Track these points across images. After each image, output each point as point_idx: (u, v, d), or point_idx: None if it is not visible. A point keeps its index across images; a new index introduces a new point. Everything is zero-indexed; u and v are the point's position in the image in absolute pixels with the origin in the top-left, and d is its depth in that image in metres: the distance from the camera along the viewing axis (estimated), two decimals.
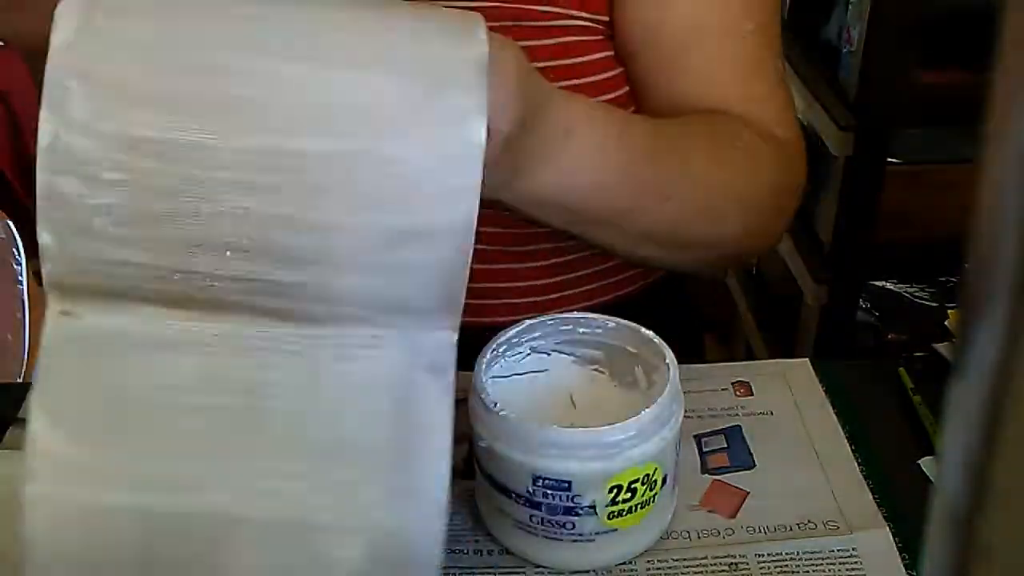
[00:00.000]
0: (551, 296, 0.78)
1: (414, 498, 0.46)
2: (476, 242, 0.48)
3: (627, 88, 0.75)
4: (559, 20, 0.72)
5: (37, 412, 0.46)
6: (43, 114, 0.44)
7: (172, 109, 0.44)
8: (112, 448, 0.47)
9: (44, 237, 0.45)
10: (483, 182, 0.53)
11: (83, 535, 0.46)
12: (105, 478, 0.46)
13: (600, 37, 0.74)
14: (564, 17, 0.72)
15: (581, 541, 0.57)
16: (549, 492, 0.56)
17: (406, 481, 0.46)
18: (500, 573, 0.59)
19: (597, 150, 0.63)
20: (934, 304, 1.42)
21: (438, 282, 0.46)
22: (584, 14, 0.72)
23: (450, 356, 0.48)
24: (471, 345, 0.61)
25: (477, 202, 0.45)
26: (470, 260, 0.46)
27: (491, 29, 0.70)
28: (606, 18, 0.73)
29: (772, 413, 0.70)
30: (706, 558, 0.59)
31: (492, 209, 0.59)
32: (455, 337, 0.48)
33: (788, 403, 0.71)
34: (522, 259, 0.77)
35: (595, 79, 0.73)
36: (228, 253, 0.45)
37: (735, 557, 0.59)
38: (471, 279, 0.46)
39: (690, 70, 0.73)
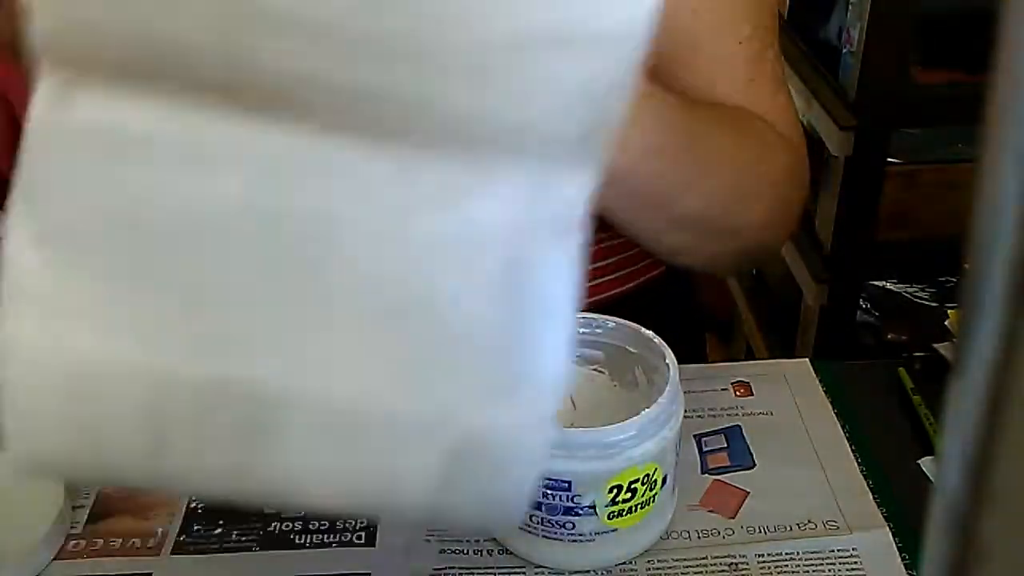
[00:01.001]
0: None
1: (519, 396, 0.35)
2: None
3: None
4: None
5: (17, 226, 0.34)
6: None
7: None
8: (117, 286, 0.35)
9: None
10: None
11: (71, 392, 0.35)
12: (106, 325, 0.35)
13: None
14: None
15: (581, 541, 0.57)
16: (549, 492, 0.56)
17: (510, 373, 0.35)
18: (500, 573, 0.59)
19: (645, 100, 0.60)
20: (934, 304, 1.42)
21: (583, 107, 0.33)
22: None
23: (581, 214, 0.35)
24: None
25: None
26: (632, 82, 0.33)
27: None
28: None
29: (772, 413, 0.70)
30: (706, 558, 0.59)
31: None
32: (590, 191, 0.35)
33: (788, 403, 0.71)
34: None
35: None
36: (293, 29, 0.32)
37: (735, 557, 0.59)
38: None
39: (688, 74, 0.73)
